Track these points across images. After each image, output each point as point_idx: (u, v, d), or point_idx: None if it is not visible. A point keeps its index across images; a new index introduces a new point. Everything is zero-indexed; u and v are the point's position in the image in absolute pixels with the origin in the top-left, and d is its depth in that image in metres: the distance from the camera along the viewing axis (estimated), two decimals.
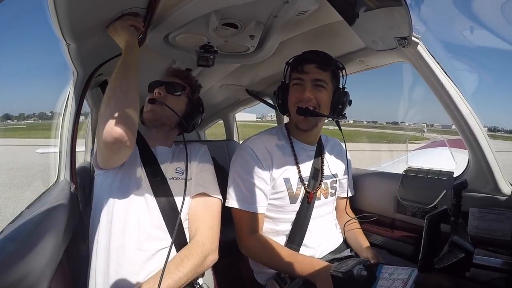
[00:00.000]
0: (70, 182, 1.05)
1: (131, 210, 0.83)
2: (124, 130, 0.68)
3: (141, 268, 0.79)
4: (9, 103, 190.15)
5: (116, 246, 0.80)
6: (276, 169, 0.94)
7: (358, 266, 0.60)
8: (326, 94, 0.94)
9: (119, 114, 0.68)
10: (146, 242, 0.81)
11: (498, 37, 1.00)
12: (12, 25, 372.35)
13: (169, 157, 0.95)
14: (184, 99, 0.99)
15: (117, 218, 0.82)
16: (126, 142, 0.70)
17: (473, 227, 0.87)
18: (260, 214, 0.93)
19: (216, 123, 2.38)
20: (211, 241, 0.84)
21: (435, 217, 0.77)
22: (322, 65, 0.92)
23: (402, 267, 0.67)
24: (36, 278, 0.58)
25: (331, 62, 0.94)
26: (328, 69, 0.93)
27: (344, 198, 1.12)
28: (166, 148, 0.97)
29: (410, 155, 1.30)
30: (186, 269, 0.75)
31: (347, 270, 0.60)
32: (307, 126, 0.97)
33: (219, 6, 0.74)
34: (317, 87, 0.92)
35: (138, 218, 0.82)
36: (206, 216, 0.88)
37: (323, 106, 0.94)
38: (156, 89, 0.95)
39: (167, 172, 0.91)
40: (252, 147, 0.94)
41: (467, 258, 0.69)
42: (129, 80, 0.72)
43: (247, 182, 0.92)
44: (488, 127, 8.44)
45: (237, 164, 0.95)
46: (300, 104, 0.92)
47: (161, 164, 0.91)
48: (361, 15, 0.68)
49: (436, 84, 0.91)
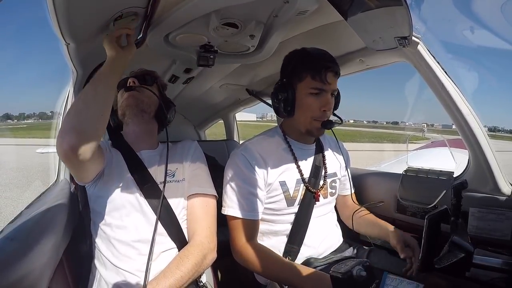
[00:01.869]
0: (70, 182, 1.05)
1: (128, 220, 0.82)
2: (78, 142, 0.65)
3: (144, 271, 0.79)
4: (9, 103, 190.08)
5: (117, 254, 0.80)
6: (271, 173, 0.92)
7: (358, 267, 0.60)
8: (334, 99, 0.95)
9: (75, 124, 0.66)
10: (145, 247, 0.80)
11: (498, 37, 1.00)
12: (12, 24, 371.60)
13: (157, 160, 0.92)
14: (156, 90, 0.96)
15: (115, 229, 0.81)
16: (79, 156, 0.66)
17: (473, 227, 0.87)
18: (256, 220, 0.91)
19: (216, 123, 2.38)
20: (209, 240, 0.84)
21: (435, 217, 0.77)
22: (338, 73, 0.91)
23: (408, 281, 0.67)
24: (36, 278, 0.58)
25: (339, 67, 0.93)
26: (338, 75, 0.93)
27: (348, 195, 1.12)
28: (151, 151, 0.94)
29: (410, 155, 1.30)
30: (187, 268, 0.76)
31: (347, 270, 0.60)
32: (322, 133, 0.97)
33: (219, 6, 0.74)
34: (332, 96, 0.92)
35: (136, 227, 0.82)
36: (203, 216, 0.88)
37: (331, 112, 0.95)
38: (129, 79, 0.94)
39: (157, 176, 0.88)
40: (245, 153, 0.92)
41: (467, 258, 0.70)
42: (96, 92, 0.69)
43: (242, 189, 0.90)
44: (488, 127, 8.43)
45: (231, 172, 0.92)
46: (325, 117, 0.90)
47: (150, 169, 0.88)
48: (361, 15, 0.68)
49: (436, 84, 0.91)
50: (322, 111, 0.89)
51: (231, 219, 0.91)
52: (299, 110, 0.92)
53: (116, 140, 0.94)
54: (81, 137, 0.66)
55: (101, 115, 0.70)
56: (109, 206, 0.83)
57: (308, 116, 0.91)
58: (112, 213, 0.82)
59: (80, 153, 0.66)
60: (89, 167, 0.78)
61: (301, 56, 0.91)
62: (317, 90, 0.88)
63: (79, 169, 0.77)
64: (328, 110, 0.90)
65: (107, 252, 0.80)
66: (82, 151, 0.66)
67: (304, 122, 0.93)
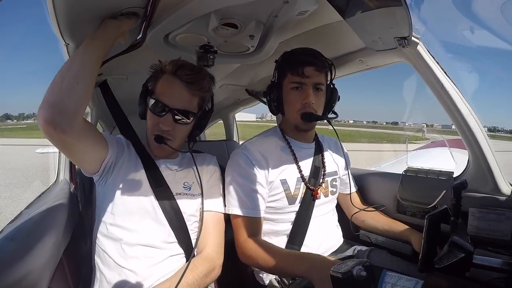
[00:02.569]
0: (70, 182, 1.05)
1: (138, 221, 0.82)
2: (52, 114, 0.62)
3: (149, 274, 0.79)
4: (9, 103, 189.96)
5: (123, 254, 0.80)
6: (272, 172, 0.93)
7: (358, 267, 0.60)
8: (323, 94, 0.96)
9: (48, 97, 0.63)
10: (154, 251, 0.82)
11: (498, 37, 1.00)
12: (12, 24, 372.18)
13: (175, 170, 0.92)
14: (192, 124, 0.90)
15: (124, 230, 0.81)
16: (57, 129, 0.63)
17: (473, 227, 0.87)
18: (259, 218, 0.92)
19: (216, 123, 2.38)
20: (219, 256, 0.87)
21: (435, 217, 0.77)
22: (320, 67, 0.92)
23: (406, 277, 0.66)
24: (36, 278, 0.58)
25: (325, 63, 0.95)
26: (324, 70, 0.94)
27: (349, 193, 1.13)
28: (170, 161, 0.93)
29: (410, 155, 1.30)
30: (197, 274, 0.78)
31: (347, 270, 0.60)
32: (309, 127, 0.99)
33: (219, 6, 0.74)
34: (317, 90, 0.93)
35: (148, 232, 0.82)
36: (215, 232, 0.89)
37: (320, 107, 0.96)
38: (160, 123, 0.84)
39: (173, 187, 0.87)
40: (246, 152, 0.93)
41: (467, 258, 0.69)
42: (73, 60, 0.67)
43: (245, 187, 0.91)
44: (488, 127, 8.43)
45: (233, 171, 0.93)
46: (304, 110, 0.92)
47: (166, 177, 0.88)
48: (361, 15, 0.68)
49: (436, 84, 0.91)
50: (303, 104, 0.92)
51: (234, 218, 0.92)
52: (286, 107, 0.96)
53: (134, 144, 0.92)
54: (54, 109, 0.62)
55: (76, 84, 0.65)
56: (120, 208, 0.82)
57: (293, 110, 0.94)
58: (123, 216, 0.82)
59: (56, 126, 0.62)
60: (84, 150, 0.75)
61: (286, 56, 0.96)
62: (297, 84, 0.92)
63: (71, 151, 0.74)
64: (308, 102, 0.92)
65: (112, 252, 0.80)
66: (59, 124, 0.63)
67: (292, 118, 0.97)
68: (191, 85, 0.85)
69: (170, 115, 0.84)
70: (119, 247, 0.80)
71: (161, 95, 0.84)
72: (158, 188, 0.85)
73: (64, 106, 0.63)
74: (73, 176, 1.06)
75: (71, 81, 0.64)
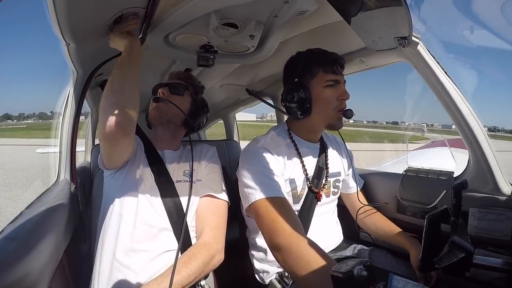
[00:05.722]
0: (70, 182, 1.05)
1: (140, 211, 0.84)
2: (123, 119, 0.71)
3: (145, 269, 0.79)
4: (9, 103, 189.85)
5: (122, 247, 0.80)
6: (285, 170, 0.92)
7: (358, 267, 0.60)
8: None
9: (117, 105, 0.71)
10: (152, 243, 0.82)
11: (498, 37, 1.00)
12: (12, 24, 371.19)
13: (176, 160, 0.97)
14: (187, 99, 1.02)
15: (126, 219, 0.83)
16: (125, 131, 0.72)
17: (473, 227, 0.87)
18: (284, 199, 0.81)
19: (216, 123, 2.38)
20: (217, 241, 0.86)
21: (435, 217, 0.77)
22: (344, 65, 0.94)
23: (413, 283, 0.66)
24: (36, 278, 0.58)
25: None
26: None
27: (352, 193, 1.13)
28: (173, 152, 0.99)
29: (410, 155, 1.30)
30: (194, 266, 0.77)
31: (347, 270, 0.60)
32: (342, 125, 0.97)
33: (219, 6, 0.74)
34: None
35: (146, 220, 0.83)
36: (212, 217, 0.89)
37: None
38: (159, 90, 0.99)
39: (174, 175, 0.92)
40: (259, 145, 0.91)
41: (467, 258, 0.69)
42: (127, 74, 0.74)
43: (267, 170, 0.84)
44: (488, 127, 8.41)
45: (251, 160, 0.87)
46: (342, 107, 0.92)
47: (168, 167, 0.93)
48: (361, 15, 0.68)
49: (436, 84, 0.91)
50: (340, 100, 0.91)
51: (262, 204, 0.78)
52: (317, 105, 0.92)
53: (140, 137, 0.98)
54: (127, 114, 0.71)
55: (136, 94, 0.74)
56: (124, 198, 0.85)
57: (329, 108, 0.91)
58: (126, 205, 0.85)
59: (126, 128, 0.72)
60: (127, 146, 0.81)
61: (309, 55, 0.94)
62: (332, 82, 0.91)
63: (116, 149, 0.80)
64: (345, 99, 0.92)
65: (112, 252, 0.80)
66: (128, 126, 0.72)
67: (325, 116, 0.93)
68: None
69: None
70: (116, 245, 0.81)
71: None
72: (159, 174, 0.90)
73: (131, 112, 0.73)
74: (73, 176, 1.06)
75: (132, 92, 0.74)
